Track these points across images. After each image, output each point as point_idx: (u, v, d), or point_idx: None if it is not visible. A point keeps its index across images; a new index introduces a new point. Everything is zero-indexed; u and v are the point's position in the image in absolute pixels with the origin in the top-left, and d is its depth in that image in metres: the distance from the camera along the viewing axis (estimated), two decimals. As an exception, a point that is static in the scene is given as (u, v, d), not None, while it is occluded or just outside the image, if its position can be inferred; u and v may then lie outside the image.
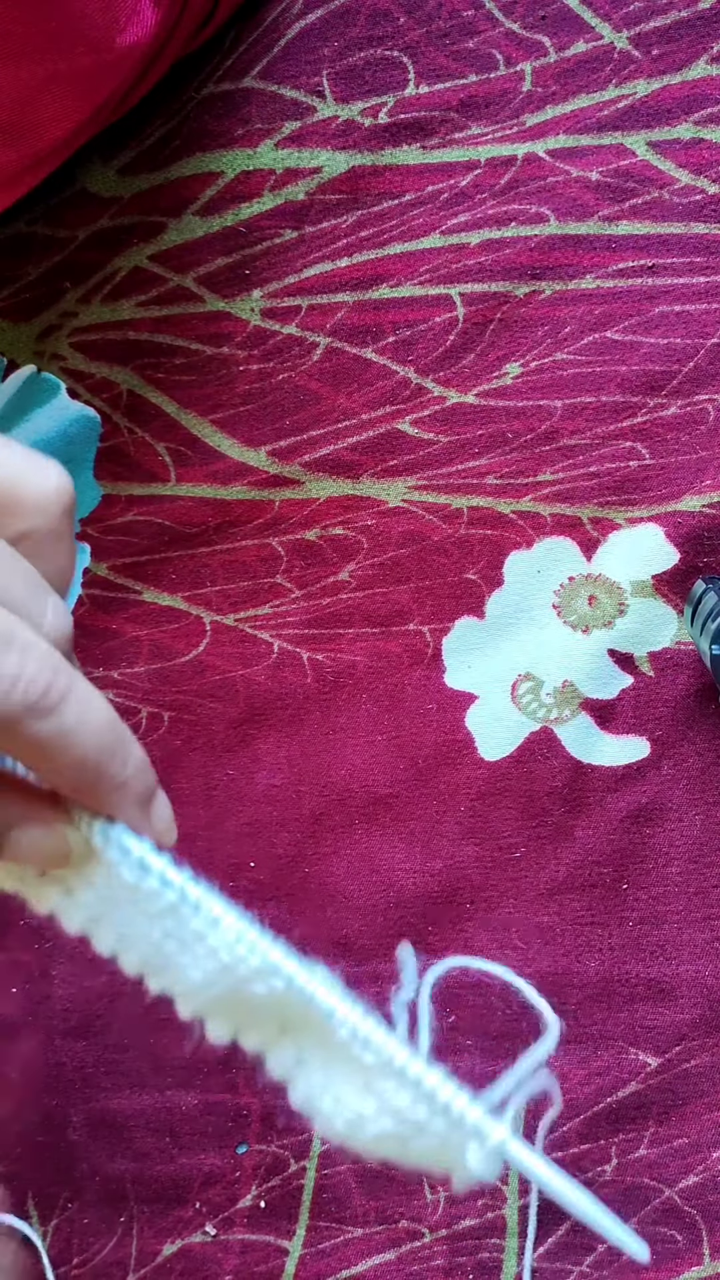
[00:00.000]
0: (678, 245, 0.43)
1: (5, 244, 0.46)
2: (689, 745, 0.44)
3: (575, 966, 0.45)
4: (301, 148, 0.44)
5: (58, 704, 0.21)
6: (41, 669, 0.20)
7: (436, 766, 0.45)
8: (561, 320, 0.43)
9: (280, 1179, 0.46)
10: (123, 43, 0.38)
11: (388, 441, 0.45)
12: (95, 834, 0.22)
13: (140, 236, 0.45)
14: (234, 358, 0.45)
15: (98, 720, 0.21)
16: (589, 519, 0.44)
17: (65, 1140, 0.47)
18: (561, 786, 0.45)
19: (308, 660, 0.46)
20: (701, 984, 0.44)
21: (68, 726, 0.21)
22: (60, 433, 0.46)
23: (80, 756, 0.21)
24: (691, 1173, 0.44)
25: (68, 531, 0.23)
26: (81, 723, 0.21)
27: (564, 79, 0.43)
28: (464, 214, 0.44)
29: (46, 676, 0.20)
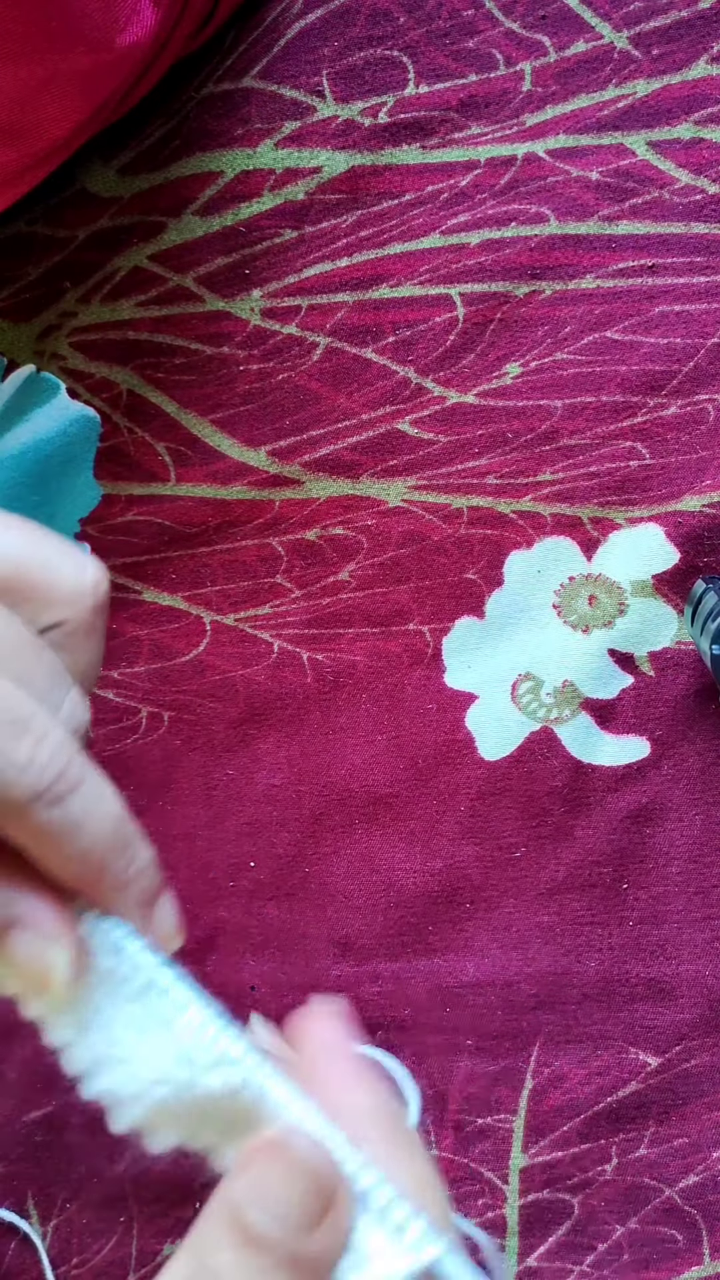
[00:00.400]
0: (678, 245, 0.43)
1: (5, 244, 0.46)
2: (689, 745, 0.44)
3: (575, 966, 0.45)
4: (301, 147, 0.44)
5: (68, 793, 0.21)
6: (55, 757, 0.20)
7: (436, 766, 0.45)
8: (561, 320, 0.43)
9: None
10: (123, 42, 0.38)
11: (388, 441, 0.45)
12: (84, 922, 0.22)
13: (140, 236, 0.45)
14: (234, 358, 0.45)
15: (107, 814, 0.21)
16: (589, 519, 0.44)
17: (65, 1141, 0.47)
18: (562, 786, 0.45)
19: (308, 660, 0.46)
20: (701, 984, 0.44)
21: (75, 817, 0.21)
22: (60, 432, 0.46)
23: (85, 849, 0.21)
24: (692, 1172, 0.44)
25: (100, 626, 0.23)
26: (89, 815, 0.21)
27: (564, 79, 0.43)
28: (464, 214, 0.44)
29: (59, 765, 0.20)
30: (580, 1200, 0.45)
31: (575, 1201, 0.45)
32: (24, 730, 0.20)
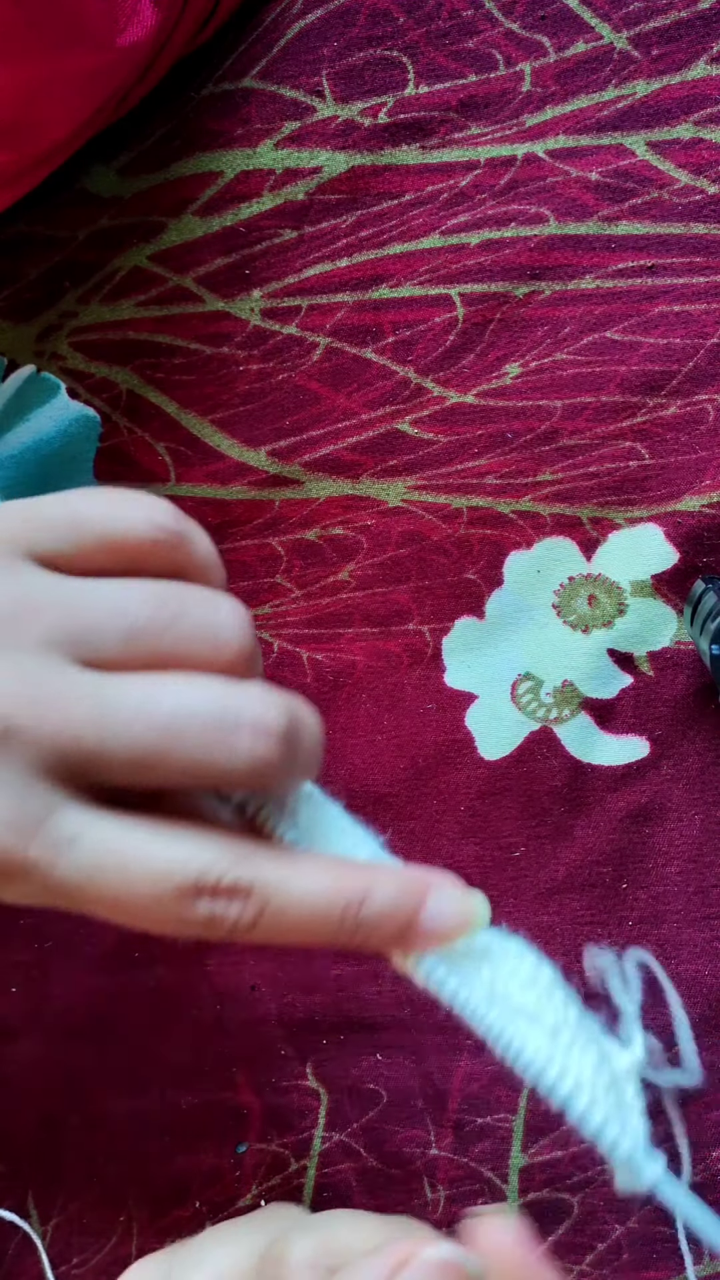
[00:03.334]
0: (677, 245, 0.43)
1: (5, 244, 0.46)
2: (689, 745, 0.44)
3: (575, 966, 0.45)
4: (301, 148, 0.44)
5: (252, 925, 0.23)
6: (232, 906, 0.23)
7: (436, 766, 0.45)
8: (561, 320, 0.44)
9: (280, 1178, 0.46)
10: (123, 43, 0.38)
11: (387, 441, 0.45)
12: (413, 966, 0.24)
13: (140, 236, 0.45)
14: (234, 358, 0.45)
15: (308, 913, 0.23)
16: (589, 519, 0.44)
17: (64, 1140, 0.47)
18: (561, 786, 0.45)
19: (307, 660, 0.46)
20: (701, 984, 0.44)
21: (270, 933, 0.23)
22: (60, 433, 0.46)
23: (300, 941, 0.23)
24: (692, 1173, 0.44)
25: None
26: (284, 926, 0.23)
27: (564, 79, 0.43)
28: (464, 214, 0.44)
29: (234, 911, 0.22)
30: (580, 1200, 0.45)
31: (575, 1201, 0.45)
32: (196, 893, 0.22)
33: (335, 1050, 0.46)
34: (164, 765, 0.22)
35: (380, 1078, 0.46)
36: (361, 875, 0.24)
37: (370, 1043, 0.46)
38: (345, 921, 0.23)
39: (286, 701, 0.24)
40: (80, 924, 0.48)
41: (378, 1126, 0.45)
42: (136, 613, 0.23)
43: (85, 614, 0.23)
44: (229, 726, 0.22)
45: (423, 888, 0.24)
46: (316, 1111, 0.46)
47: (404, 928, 0.24)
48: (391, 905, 0.23)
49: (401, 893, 0.24)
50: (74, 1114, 0.47)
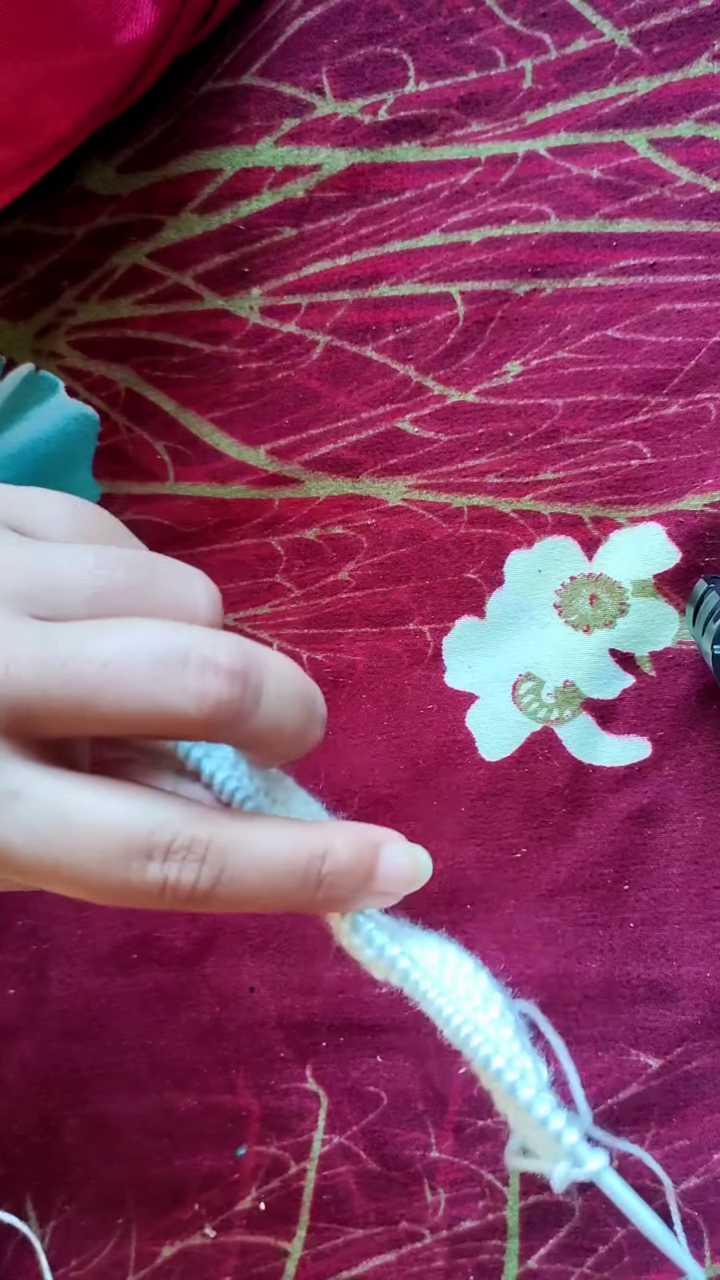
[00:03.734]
0: (679, 243, 0.42)
1: (3, 242, 0.46)
2: (691, 746, 0.44)
3: (576, 968, 0.45)
4: (301, 145, 0.44)
5: (211, 890, 0.21)
6: (186, 869, 0.21)
7: (437, 767, 0.45)
8: (562, 318, 0.43)
9: (280, 1180, 0.46)
10: (122, 40, 0.38)
11: (388, 440, 0.45)
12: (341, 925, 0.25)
13: (139, 234, 0.45)
14: (233, 356, 0.45)
15: (266, 875, 0.22)
16: (590, 518, 0.44)
17: (62, 1142, 0.47)
18: (563, 787, 0.44)
19: (307, 660, 0.46)
20: (703, 985, 0.44)
21: (229, 899, 0.22)
22: (58, 431, 0.46)
23: (262, 905, 0.22)
24: (693, 1175, 0.44)
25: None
26: (245, 889, 0.22)
27: (565, 76, 0.43)
28: (464, 212, 0.43)
29: (191, 874, 0.21)
30: (581, 1202, 0.45)
31: (576, 1204, 0.45)
32: (147, 855, 0.20)
33: (335, 1052, 0.46)
34: (106, 706, 0.21)
35: (380, 1080, 0.45)
36: (320, 832, 0.23)
37: (370, 1045, 0.46)
38: (308, 879, 0.22)
39: (244, 643, 0.22)
40: (78, 925, 0.47)
41: (378, 1129, 0.45)
42: (108, 574, 0.22)
43: (52, 573, 0.22)
44: (175, 662, 0.21)
45: (376, 842, 0.24)
46: (316, 1114, 0.46)
47: (363, 881, 0.23)
48: (352, 860, 0.23)
49: (359, 847, 0.23)
50: (72, 1116, 0.47)
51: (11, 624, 0.21)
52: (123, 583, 0.22)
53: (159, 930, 0.47)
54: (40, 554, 0.23)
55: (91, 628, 0.21)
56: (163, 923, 0.47)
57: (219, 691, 0.21)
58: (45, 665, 0.21)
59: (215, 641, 0.21)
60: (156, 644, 0.21)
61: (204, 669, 0.21)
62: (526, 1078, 0.23)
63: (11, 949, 0.48)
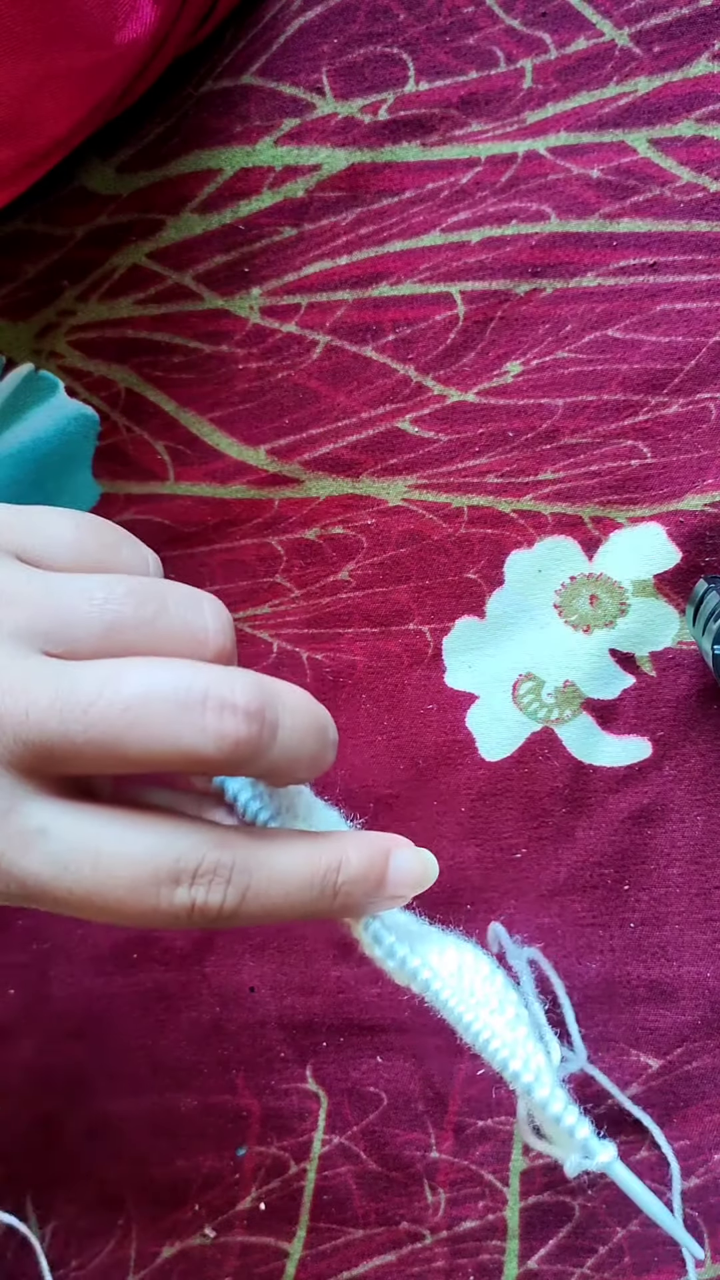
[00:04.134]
0: (679, 243, 0.42)
1: (3, 242, 0.46)
2: (691, 746, 0.44)
3: (576, 968, 0.45)
4: (301, 145, 0.44)
5: (237, 908, 0.22)
6: (213, 891, 0.22)
7: (437, 767, 0.45)
8: (562, 318, 0.43)
9: (280, 1181, 0.46)
10: (122, 40, 0.37)
11: (388, 440, 0.45)
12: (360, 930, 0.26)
13: (139, 234, 0.45)
14: (233, 356, 0.45)
15: (287, 891, 0.23)
16: (590, 518, 0.44)
17: (63, 1143, 0.47)
18: (563, 787, 0.44)
19: (307, 660, 0.46)
20: (703, 986, 0.44)
21: (255, 915, 0.23)
22: (58, 431, 0.46)
23: (283, 917, 0.23)
24: (693, 1175, 0.44)
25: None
26: (267, 905, 0.23)
27: (565, 76, 0.42)
28: (464, 211, 0.43)
29: (218, 896, 0.22)
30: (581, 1203, 0.45)
31: (576, 1204, 0.45)
32: (176, 880, 0.22)
33: (335, 1052, 0.46)
34: (130, 748, 0.21)
35: (380, 1080, 0.45)
36: (334, 844, 0.24)
37: (370, 1045, 0.46)
38: (325, 890, 0.23)
39: (260, 681, 0.23)
40: (78, 926, 0.47)
41: (378, 1129, 0.45)
42: (117, 609, 0.23)
43: (62, 607, 0.23)
44: (195, 704, 0.21)
45: (386, 849, 0.25)
46: (316, 1114, 0.46)
47: (375, 887, 0.24)
48: (364, 868, 0.24)
49: (371, 855, 0.24)
50: (72, 1116, 0.47)
51: (27, 663, 0.22)
52: (133, 616, 0.23)
53: (159, 930, 0.47)
54: (49, 587, 0.23)
55: (111, 669, 0.22)
56: (163, 923, 0.47)
57: (237, 731, 0.22)
58: (67, 709, 0.21)
59: (232, 682, 0.22)
60: (175, 686, 0.22)
61: (222, 710, 0.22)
62: (541, 1078, 0.24)
63: (11, 949, 0.48)
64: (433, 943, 0.27)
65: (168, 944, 0.47)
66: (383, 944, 0.26)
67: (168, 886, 0.22)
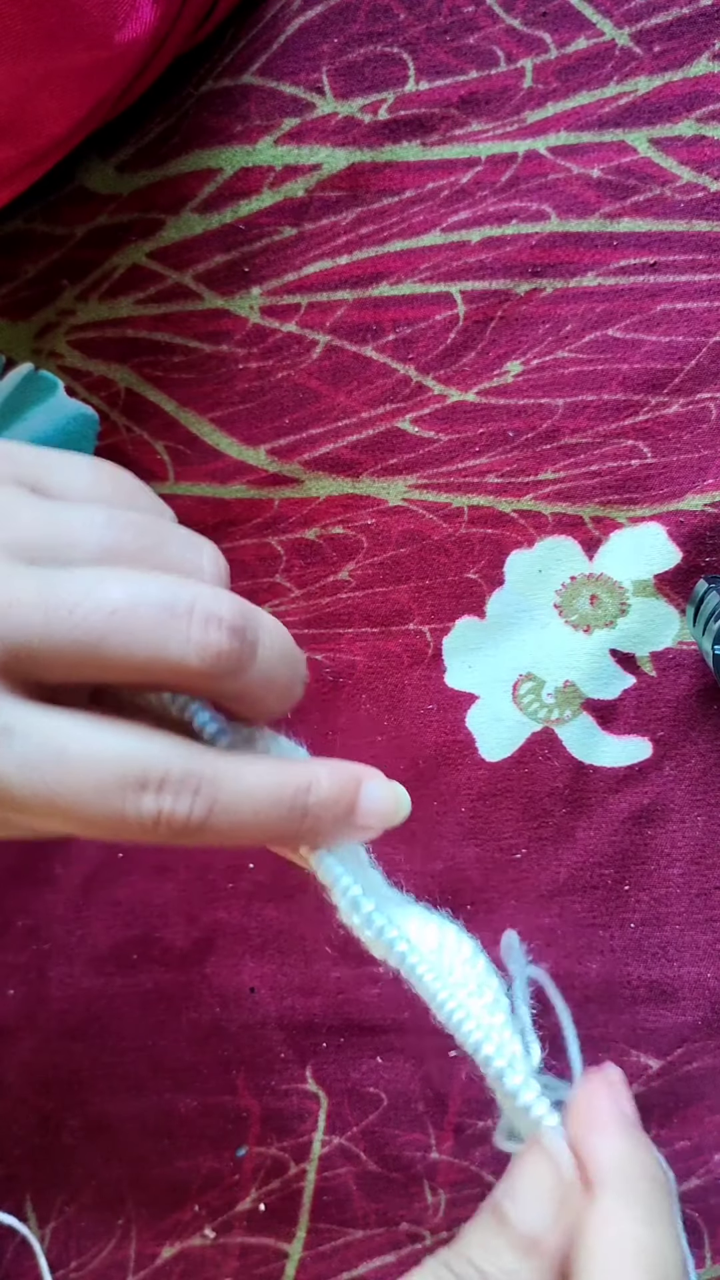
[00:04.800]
0: (680, 243, 0.42)
1: (3, 241, 0.46)
2: (691, 746, 0.44)
3: (577, 968, 0.45)
4: (301, 144, 0.44)
5: (204, 820, 0.22)
6: (180, 800, 0.21)
7: (437, 767, 0.45)
8: (563, 318, 0.43)
9: (280, 1181, 0.46)
10: (122, 39, 0.37)
11: (388, 440, 0.45)
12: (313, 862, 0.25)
13: (139, 234, 0.45)
14: (233, 355, 0.45)
15: (255, 808, 0.23)
16: (591, 518, 0.44)
17: (62, 1143, 0.47)
18: (563, 787, 0.44)
19: (307, 660, 0.46)
20: (704, 986, 0.44)
21: (223, 831, 0.22)
22: (58, 431, 0.46)
23: (251, 838, 0.23)
24: (694, 1175, 0.44)
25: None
26: (236, 822, 0.22)
27: (565, 75, 0.42)
28: (464, 211, 0.43)
29: (185, 805, 0.21)
30: (581, 1203, 0.44)
31: (576, 1205, 0.44)
32: (142, 786, 0.21)
33: (335, 1053, 0.46)
34: (111, 652, 0.21)
35: (380, 1081, 0.45)
36: (305, 766, 0.24)
37: (370, 1045, 0.46)
38: (294, 810, 0.23)
39: (243, 601, 0.23)
40: (78, 926, 0.47)
41: (378, 1130, 0.45)
42: (116, 535, 0.23)
43: (60, 528, 0.23)
44: (181, 612, 0.21)
45: (358, 776, 0.25)
46: (316, 1115, 0.46)
47: (345, 813, 0.24)
48: (335, 791, 0.24)
49: (342, 781, 0.24)
50: (72, 1117, 0.47)
51: (13, 568, 0.22)
52: (131, 544, 0.23)
53: (159, 930, 0.47)
54: (52, 511, 0.23)
55: (97, 574, 0.22)
56: (163, 922, 0.47)
57: (220, 643, 0.22)
58: (51, 608, 0.21)
59: (218, 596, 0.22)
60: (162, 594, 0.22)
61: (208, 621, 0.22)
62: (515, 1064, 0.24)
63: (11, 949, 0.48)
64: (413, 916, 0.26)
65: (168, 944, 0.47)
66: (360, 910, 0.25)
67: (134, 792, 0.21)
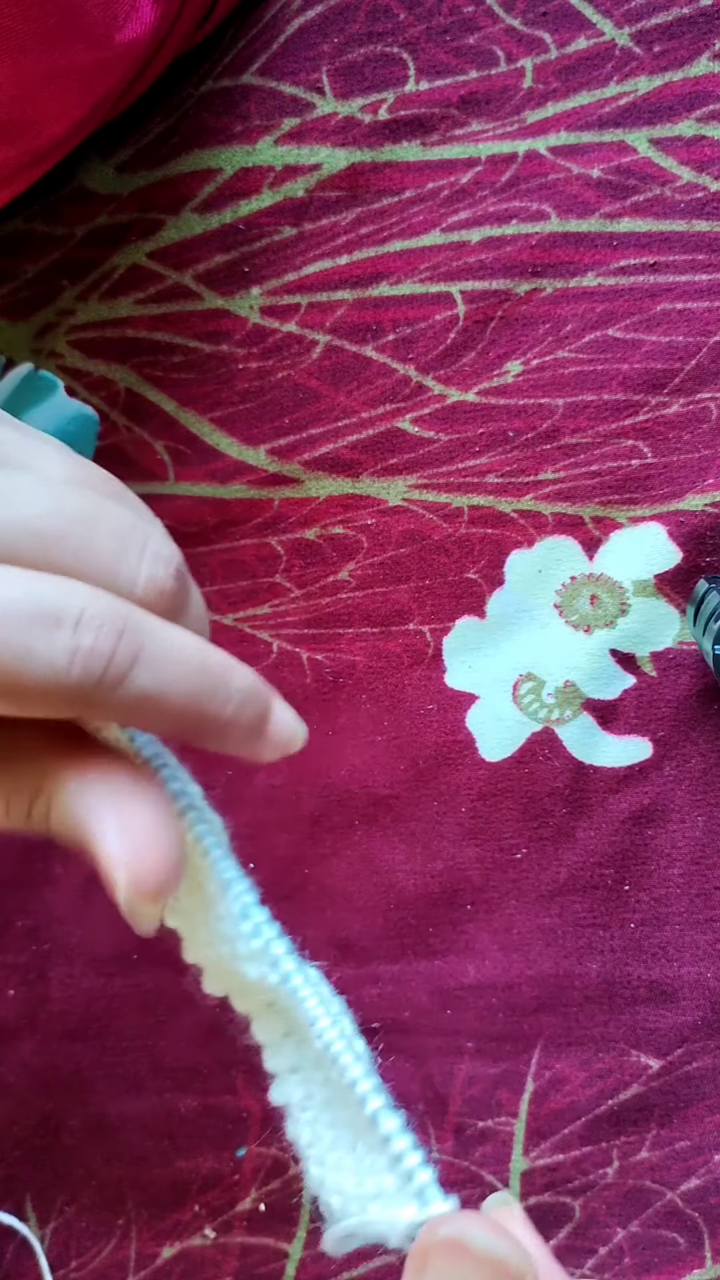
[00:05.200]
0: (680, 243, 0.42)
1: (3, 242, 0.46)
2: (691, 746, 0.44)
3: (577, 968, 0.45)
4: (301, 144, 0.44)
5: (129, 669, 0.19)
6: (101, 637, 0.18)
7: (437, 767, 0.45)
8: (563, 318, 0.43)
9: (280, 1181, 0.46)
10: (122, 39, 0.37)
11: (388, 440, 0.45)
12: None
13: (138, 234, 0.45)
14: (233, 355, 0.45)
15: (182, 670, 0.20)
16: (591, 518, 0.44)
17: (63, 1143, 0.47)
18: (563, 787, 0.44)
19: (307, 660, 0.46)
20: (704, 986, 0.44)
21: (147, 687, 0.19)
22: (58, 431, 0.46)
23: (172, 710, 0.20)
24: (693, 1175, 0.44)
25: None
26: (162, 680, 0.19)
27: (565, 75, 0.42)
28: (464, 211, 0.43)
29: (108, 644, 0.18)
30: (581, 1203, 0.44)
31: (576, 1205, 0.45)
32: (56, 623, 0.18)
33: (335, 1053, 0.46)
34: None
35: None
36: (225, 656, 0.21)
37: (370, 1045, 0.46)
38: (219, 688, 0.20)
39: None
40: (78, 926, 0.47)
41: (378, 1130, 0.45)
42: (43, 521, 0.19)
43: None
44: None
45: (269, 690, 0.22)
46: (316, 1114, 0.46)
47: (263, 713, 0.21)
48: (257, 687, 0.21)
49: (258, 684, 0.21)
50: (72, 1117, 0.47)
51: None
52: (54, 531, 0.19)
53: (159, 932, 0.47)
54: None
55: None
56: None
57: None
58: None
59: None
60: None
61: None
62: (388, 1107, 0.21)
63: (11, 949, 0.48)
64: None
65: (168, 944, 0.47)
66: (250, 918, 0.23)
67: (46, 626, 0.18)
